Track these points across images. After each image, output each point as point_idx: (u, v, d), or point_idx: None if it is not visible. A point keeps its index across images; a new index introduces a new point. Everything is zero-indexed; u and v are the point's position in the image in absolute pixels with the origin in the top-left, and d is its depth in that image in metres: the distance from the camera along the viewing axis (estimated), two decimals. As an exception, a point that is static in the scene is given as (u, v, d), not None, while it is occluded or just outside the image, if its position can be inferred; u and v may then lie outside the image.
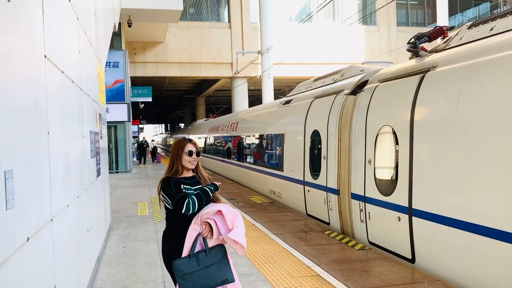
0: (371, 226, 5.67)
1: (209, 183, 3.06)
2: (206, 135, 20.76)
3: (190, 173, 3.04)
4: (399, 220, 4.98)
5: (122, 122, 18.10)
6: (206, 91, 33.87)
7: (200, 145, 21.43)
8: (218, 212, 2.84)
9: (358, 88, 6.56)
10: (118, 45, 18.35)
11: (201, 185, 3.01)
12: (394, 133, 5.17)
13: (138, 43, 24.11)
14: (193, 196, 2.81)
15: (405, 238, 4.90)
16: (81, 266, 3.86)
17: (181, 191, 2.85)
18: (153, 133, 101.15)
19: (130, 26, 17.47)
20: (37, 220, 2.37)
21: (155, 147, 27.69)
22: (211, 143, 19.54)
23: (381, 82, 5.78)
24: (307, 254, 5.32)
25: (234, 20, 25.91)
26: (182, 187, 2.88)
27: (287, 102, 9.71)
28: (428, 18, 29.72)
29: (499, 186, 3.69)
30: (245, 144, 13.10)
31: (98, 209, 5.43)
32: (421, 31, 6.04)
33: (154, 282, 4.56)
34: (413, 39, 5.69)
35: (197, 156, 3.02)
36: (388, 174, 5.41)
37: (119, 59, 17.66)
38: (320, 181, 7.23)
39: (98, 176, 5.54)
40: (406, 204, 4.86)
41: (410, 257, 4.86)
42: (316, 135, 7.51)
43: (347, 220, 6.45)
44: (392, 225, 5.14)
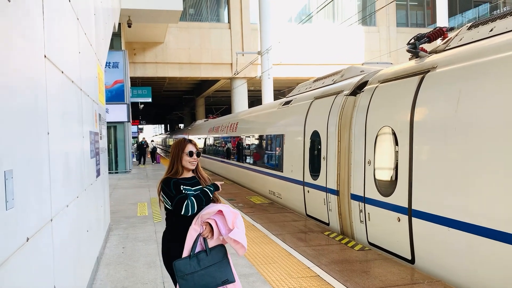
0: (371, 226, 5.67)
1: (209, 183, 3.06)
2: (206, 136, 20.76)
3: (190, 174, 3.04)
4: (399, 221, 4.98)
5: (122, 122, 18.11)
6: (206, 92, 33.87)
7: (199, 145, 21.43)
8: (219, 212, 2.84)
9: (358, 88, 6.56)
10: (118, 46, 18.36)
11: (201, 186, 3.01)
12: (394, 134, 5.17)
13: (137, 44, 24.12)
14: (192, 197, 2.80)
15: (404, 239, 4.90)
16: (81, 267, 3.85)
17: (181, 192, 2.85)
18: (152, 134, 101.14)
19: (130, 26, 17.48)
20: (37, 220, 2.36)
21: (154, 147, 27.66)
22: (210, 144, 19.54)
23: (381, 83, 5.79)
24: (307, 255, 5.31)
25: (234, 20, 25.92)
26: (181, 188, 2.88)
27: (287, 102, 9.71)
28: (428, 19, 29.76)
29: (499, 187, 3.70)
30: (245, 145, 13.10)
31: (97, 210, 5.43)
32: (421, 32, 6.05)
33: (153, 283, 4.55)
34: (413, 40, 5.70)
35: (198, 157, 3.03)
36: (387, 175, 5.41)
37: (118, 60, 17.67)
38: (320, 181, 7.23)
39: (97, 176, 5.54)
40: (405, 205, 4.86)
41: (409, 258, 4.86)
42: (315, 135, 7.51)
43: (346, 221, 6.45)
44: (392, 226, 5.14)
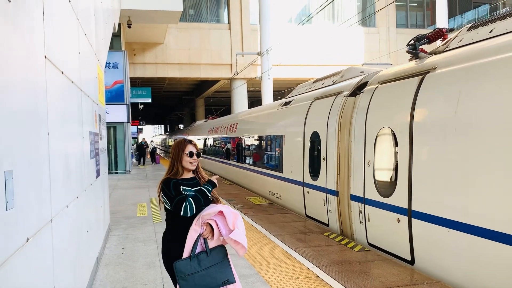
0: (371, 227, 5.67)
1: (215, 187, 3.05)
2: (206, 136, 20.76)
3: (190, 174, 3.04)
4: (399, 221, 4.98)
5: (122, 123, 18.11)
6: (206, 92, 33.88)
7: (199, 146, 21.42)
8: (219, 213, 2.83)
9: (358, 89, 6.56)
10: (117, 46, 18.36)
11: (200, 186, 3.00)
12: (394, 135, 5.18)
13: (137, 44, 24.12)
14: (190, 198, 2.80)
15: (404, 240, 4.90)
16: (80, 267, 3.85)
17: (180, 193, 2.84)
18: (152, 134, 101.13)
19: (129, 27, 17.49)
20: (37, 220, 2.36)
21: (154, 148, 27.66)
22: (210, 144, 19.54)
23: (381, 84, 5.79)
24: (306, 256, 5.31)
25: (234, 21, 25.94)
26: (181, 189, 2.88)
27: (287, 103, 9.71)
28: (428, 20, 29.79)
29: (499, 187, 3.70)
30: (245, 145, 13.10)
31: (97, 210, 5.43)
32: (420, 33, 6.05)
33: (153, 283, 4.55)
34: (412, 41, 5.70)
35: (198, 157, 3.03)
36: (387, 176, 5.41)
37: (118, 60, 17.67)
38: (320, 182, 7.23)
39: (97, 177, 5.54)
40: (405, 206, 4.86)
41: (409, 258, 4.86)
42: (315, 136, 7.51)
43: (346, 222, 6.45)
44: (392, 227, 5.14)
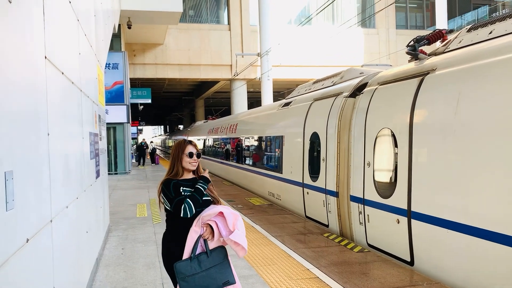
0: (370, 228, 5.68)
1: (210, 184, 3.05)
2: (205, 137, 20.76)
3: (190, 175, 3.04)
4: (398, 222, 4.99)
5: (121, 123, 18.11)
6: (205, 93, 33.90)
7: (199, 147, 21.40)
8: (219, 214, 2.83)
9: (358, 90, 6.57)
10: (117, 47, 18.36)
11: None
12: (393, 136, 5.18)
13: (137, 45, 24.14)
14: (188, 199, 2.79)
15: (404, 241, 4.90)
16: (80, 268, 3.85)
17: (180, 194, 2.84)
18: (152, 135, 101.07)
19: (129, 27, 17.50)
20: (37, 221, 2.36)
21: (154, 148, 27.69)
22: (210, 145, 19.54)
23: (381, 85, 5.80)
24: (306, 257, 5.31)
25: (234, 22, 25.96)
26: (181, 190, 2.87)
27: (286, 104, 9.72)
28: (427, 21, 29.82)
29: (498, 188, 3.70)
30: (244, 146, 13.10)
31: (97, 211, 5.43)
32: (420, 34, 6.06)
33: (152, 284, 4.55)
34: (412, 42, 5.70)
35: (198, 158, 3.02)
36: (387, 177, 5.41)
37: (118, 61, 17.68)
38: (319, 183, 7.23)
39: (97, 177, 5.54)
40: (405, 207, 4.86)
41: (409, 259, 4.86)
42: (315, 137, 7.51)
43: (346, 223, 6.45)
44: (391, 228, 5.14)
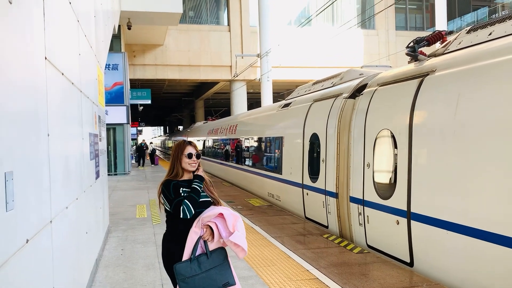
0: (370, 229, 5.68)
1: (210, 185, 3.05)
2: (205, 138, 20.76)
3: (191, 176, 3.03)
4: (398, 223, 4.99)
5: (121, 124, 18.11)
6: (205, 94, 33.91)
7: (198, 147, 21.41)
8: (219, 215, 2.83)
9: (357, 91, 6.57)
10: (117, 48, 18.37)
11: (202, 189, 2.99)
12: (393, 137, 5.18)
13: (137, 46, 24.15)
14: (185, 200, 2.79)
15: (403, 242, 4.91)
16: (80, 268, 3.85)
17: (180, 195, 2.84)
18: (152, 135, 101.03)
19: (129, 28, 17.51)
20: (37, 221, 2.36)
21: (154, 149, 27.70)
22: (209, 146, 19.55)
23: (380, 86, 5.80)
24: (306, 258, 5.31)
25: (234, 23, 25.98)
26: (181, 191, 2.87)
27: (286, 105, 9.72)
28: (427, 23, 29.85)
29: (498, 190, 3.70)
30: (244, 147, 13.11)
31: (97, 211, 5.43)
32: (419, 35, 6.07)
33: (152, 285, 4.55)
34: (412, 43, 5.71)
35: (197, 159, 3.01)
36: (386, 178, 5.42)
37: (118, 62, 17.68)
38: (319, 184, 7.23)
39: (97, 178, 5.54)
40: (404, 208, 4.86)
41: (408, 260, 4.86)
42: (315, 138, 7.52)
43: (345, 224, 6.45)
44: (391, 229, 5.14)
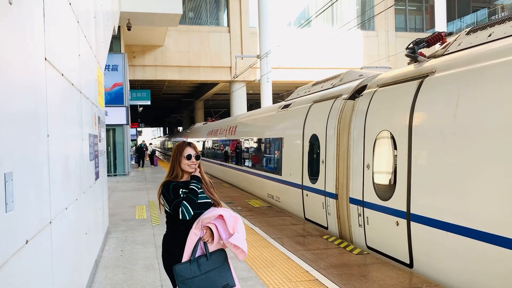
0: (369, 230, 5.68)
1: (210, 186, 3.05)
2: (205, 139, 20.76)
3: None
4: (397, 225, 4.99)
5: (121, 125, 18.11)
6: (205, 95, 33.92)
7: (198, 148, 21.42)
8: (219, 217, 2.82)
9: (357, 93, 6.58)
10: (117, 48, 18.37)
11: (202, 190, 2.98)
12: (393, 138, 5.18)
13: (137, 47, 24.17)
14: (184, 202, 2.77)
15: (403, 243, 4.90)
16: (79, 269, 3.85)
17: (179, 196, 2.83)
18: (151, 136, 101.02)
19: (129, 29, 17.53)
20: (36, 222, 2.36)
21: (153, 150, 27.72)
22: (209, 147, 19.54)
23: (380, 87, 5.81)
24: (305, 259, 5.31)
25: (233, 24, 26.01)
26: (180, 192, 2.86)
27: (286, 106, 9.73)
28: (427, 24, 29.88)
29: (498, 191, 3.71)
30: (244, 148, 13.10)
31: (96, 212, 5.42)
32: (419, 36, 6.07)
33: (152, 286, 4.54)
34: (411, 45, 5.71)
35: (197, 160, 2.99)
36: (386, 179, 5.42)
37: (118, 62, 17.69)
38: (319, 185, 7.23)
39: (96, 179, 5.54)
40: (404, 209, 4.86)
41: (408, 262, 4.86)
42: (314, 139, 7.52)
43: (345, 225, 6.45)
44: (390, 230, 5.14)
